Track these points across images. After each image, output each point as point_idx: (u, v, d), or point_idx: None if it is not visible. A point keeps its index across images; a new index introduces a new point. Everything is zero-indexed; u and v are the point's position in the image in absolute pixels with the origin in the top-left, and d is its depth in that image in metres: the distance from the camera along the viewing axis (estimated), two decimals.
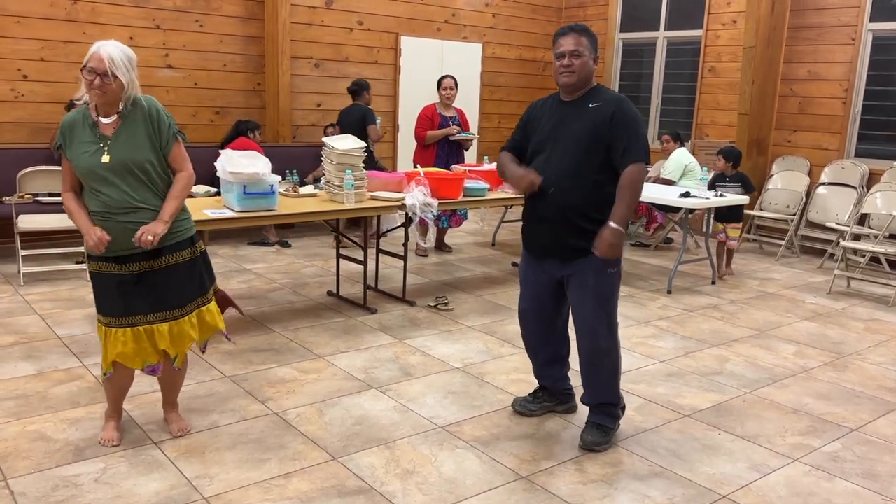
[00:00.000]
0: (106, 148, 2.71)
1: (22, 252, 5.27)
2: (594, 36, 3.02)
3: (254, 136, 6.68)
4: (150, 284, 2.82)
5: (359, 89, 6.84)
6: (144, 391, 3.44)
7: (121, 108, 2.75)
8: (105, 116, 2.75)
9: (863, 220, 6.67)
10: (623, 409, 3.23)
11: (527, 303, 3.27)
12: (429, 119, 6.41)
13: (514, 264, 6.41)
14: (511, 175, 3.10)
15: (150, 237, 2.68)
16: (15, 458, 2.83)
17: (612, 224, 2.85)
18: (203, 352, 3.20)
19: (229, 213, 4.12)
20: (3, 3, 6.06)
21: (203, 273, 2.97)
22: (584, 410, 3.41)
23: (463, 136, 6.53)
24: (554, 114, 3.06)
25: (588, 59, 2.96)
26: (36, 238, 5.76)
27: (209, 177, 6.36)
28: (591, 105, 2.97)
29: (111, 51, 2.67)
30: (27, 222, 5.34)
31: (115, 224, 2.71)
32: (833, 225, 6.63)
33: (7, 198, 5.73)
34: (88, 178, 2.72)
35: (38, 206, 5.65)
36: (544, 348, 3.32)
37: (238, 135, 6.67)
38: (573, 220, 2.97)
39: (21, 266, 5.23)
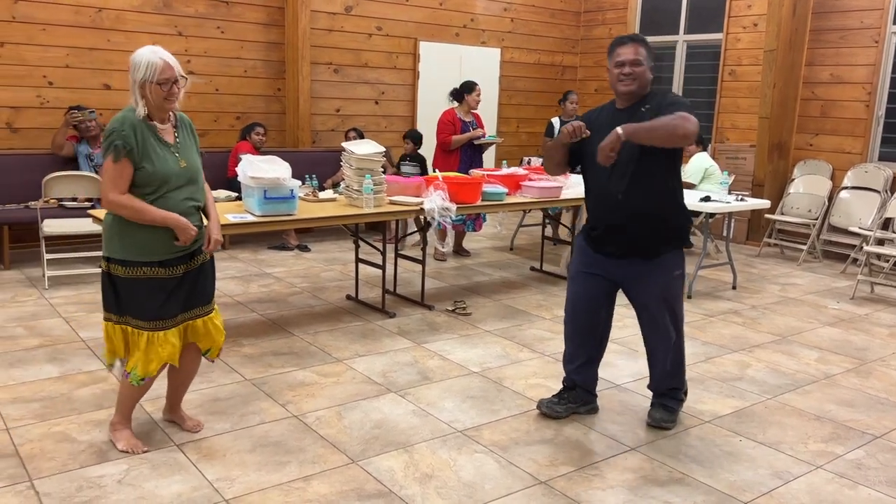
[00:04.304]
0: (177, 154, 2.79)
1: (47, 256, 5.35)
2: (649, 45, 3.12)
3: (251, 138, 6.76)
4: (189, 284, 2.89)
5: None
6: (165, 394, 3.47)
7: (176, 112, 2.83)
8: (161, 123, 2.79)
9: (887, 224, 6.58)
10: (686, 393, 3.46)
11: (580, 302, 3.34)
12: (451, 124, 6.38)
13: (534, 269, 6.40)
14: (556, 138, 3.18)
15: (219, 244, 2.93)
16: (40, 458, 2.87)
17: (619, 129, 2.85)
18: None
19: (250, 218, 4.16)
20: (30, 11, 6.17)
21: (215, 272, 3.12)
22: (603, 414, 3.43)
23: (489, 139, 6.53)
24: (611, 123, 3.02)
25: (646, 67, 3.06)
26: (60, 242, 5.85)
27: (230, 181, 6.43)
28: (643, 108, 3.04)
29: (168, 54, 2.72)
30: (52, 226, 5.42)
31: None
32: (856, 229, 6.55)
33: (33, 202, 5.83)
34: (162, 183, 2.73)
35: (62, 211, 5.74)
36: (586, 347, 3.39)
37: (241, 140, 6.83)
38: (645, 226, 3.09)
39: (46, 269, 5.30)
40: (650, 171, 3.05)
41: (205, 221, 2.94)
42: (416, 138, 7.02)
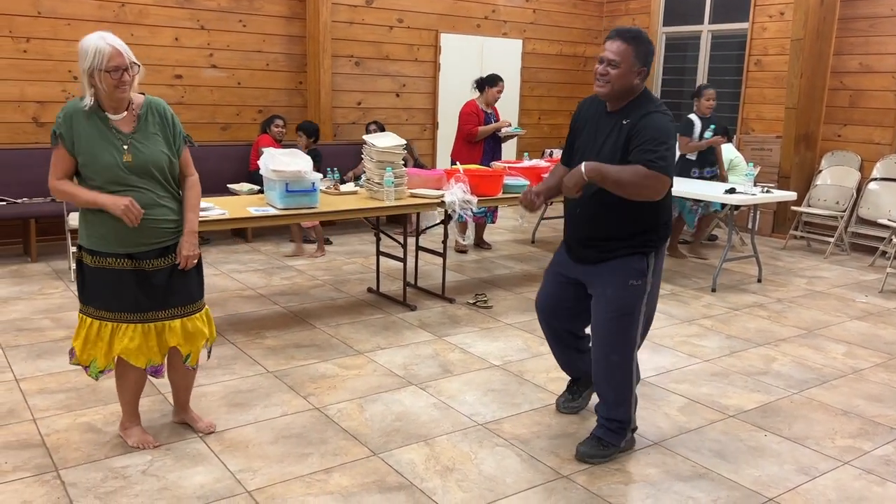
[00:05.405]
0: (126, 146, 2.64)
1: (72, 248, 5.41)
2: (646, 45, 2.72)
3: (271, 131, 6.75)
4: (161, 280, 2.76)
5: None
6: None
7: (133, 101, 2.68)
8: (115, 113, 2.65)
9: None
10: (634, 430, 3.07)
11: (542, 296, 3.17)
12: (475, 115, 6.32)
13: None
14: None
15: (194, 259, 2.79)
16: (66, 449, 2.91)
17: (583, 165, 2.67)
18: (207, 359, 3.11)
19: (272, 211, 4.18)
20: (55, 7, 6.24)
21: (202, 273, 2.95)
22: None
23: (513, 131, 6.49)
24: (596, 124, 2.88)
25: (627, 71, 2.70)
26: None
27: (252, 175, 6.46)
28: (624, 122, 2.76)
29: (118, 41, 2.58)
30: (78, 219, 5.48)
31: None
32: (885, 221, 6.43)
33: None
34: (106, 177, 2.63)
35: None
36: (560, 342, 3.21)
37: (261, 134, 6.84)
38: (597, 241, 2.87)
39: (71, 262, 5.37)
40: (613, 195, 2.74)
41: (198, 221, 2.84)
42: (311, 131, 6.47)
